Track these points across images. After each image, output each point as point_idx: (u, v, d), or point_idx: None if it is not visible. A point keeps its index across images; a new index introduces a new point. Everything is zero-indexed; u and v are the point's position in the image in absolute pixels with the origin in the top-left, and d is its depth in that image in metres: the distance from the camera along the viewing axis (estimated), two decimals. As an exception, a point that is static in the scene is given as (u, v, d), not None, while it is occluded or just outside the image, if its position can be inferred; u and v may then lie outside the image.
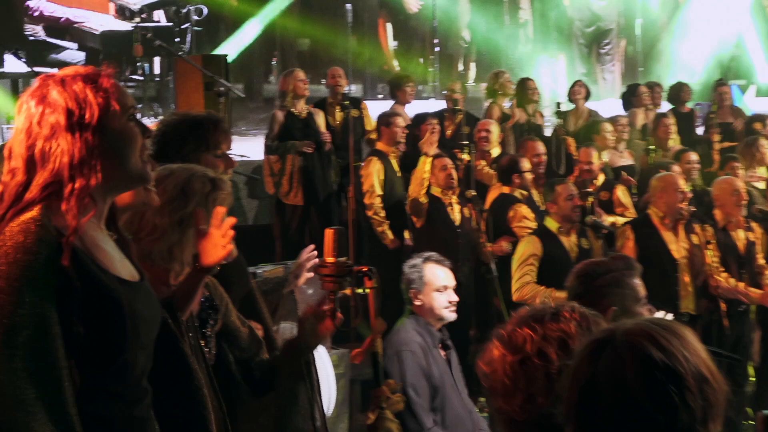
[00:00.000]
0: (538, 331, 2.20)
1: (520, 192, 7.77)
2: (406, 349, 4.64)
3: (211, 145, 3.58)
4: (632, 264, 3.41)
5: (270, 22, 10.55)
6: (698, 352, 1.78)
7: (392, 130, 8.25)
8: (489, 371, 2.23)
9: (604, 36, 13.50)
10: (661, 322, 1.84)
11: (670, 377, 1.73)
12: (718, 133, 10.43)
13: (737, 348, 7.14)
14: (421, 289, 4.84)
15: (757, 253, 7.27)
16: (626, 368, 1.75)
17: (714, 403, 1.75)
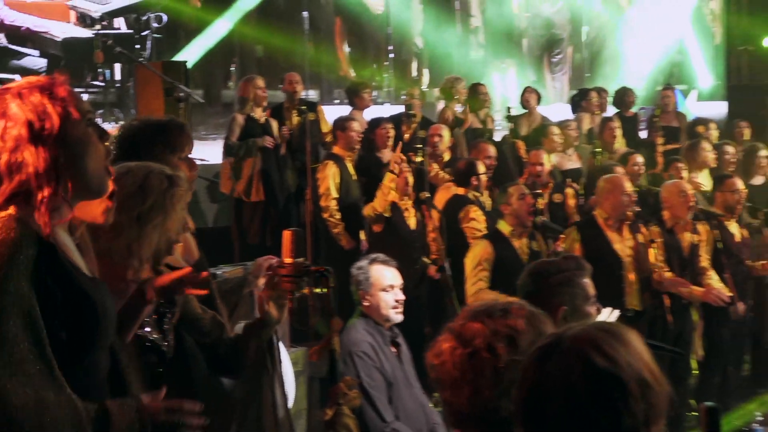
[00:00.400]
0: (489, 325, 2.22)
1: (473, 194, 7.80)
2: (357, 350, 4.65)
3: (176, 149, 3.59)
4: (583, 264, 3.44)
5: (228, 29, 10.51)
6: (641, 356, 1.81)
7: (348, 135, 8.26)
8: (438, 363, 2.25)
9: (556, 44, 13.60)
10: (607, 327, 1.87)
11: (614, 384, 1.76)
12: (661, 136, 10.55)
13: (679, 342, 7.22)
14: (368, 290, 4.87)
15: (700, 254, 7.37)
16: (572, 375, 1.77)
17: (656, 406, 1.78)
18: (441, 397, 2.28)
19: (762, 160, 9.29)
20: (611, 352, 1.78)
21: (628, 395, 1.75)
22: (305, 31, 11.03)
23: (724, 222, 7.60)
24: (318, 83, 11.43)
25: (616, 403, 1.74)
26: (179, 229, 3.10)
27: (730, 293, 7.26)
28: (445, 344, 2.25)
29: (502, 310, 2.26)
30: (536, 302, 3.15)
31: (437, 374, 2.26)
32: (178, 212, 3.00)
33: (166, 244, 3.01)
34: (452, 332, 2.26)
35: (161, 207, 2.96)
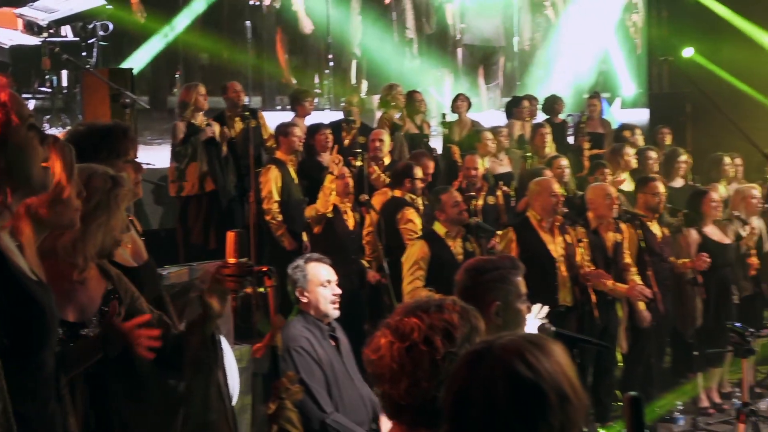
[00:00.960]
0: (425, 320, 2.24)
1: (410, 196, 7.82)
2: (295, 345, 4.66)
3: (121, 153, 3.57)
4: (517, 264, 3.47)
5: (174, 38, 10.43)
6: (564, 370, 1.83)
7: (290, 140, 8.26)
8: (376, 358, 2.26)
9: (493, 55, 13.69)
10: (535, 339, 1.89)
11: (534, 394, 1.78)
12: (587, 142, 10.68)
13: (605, 335, 7.31)
14: (306, 287, 4.88)
15: (624, 252, 7.47)
16: (496, 381, 1.79)
17: (572, 419, 1.81)
18: (379, 390, 2.28)
19: (682, 164, 9.46)
20: (535, 363, 1.80)
21: (547, 406, 1.77)
22: (248, 40, 10.99)
23: (646, 222, 7.72)
24: (260, 90, 11.38)
25: (535, 412, 1.77)
26: (123, 228, 3.09)
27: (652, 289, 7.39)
28: (382, 339, 2.26)
29: (437, 306, 2.29)
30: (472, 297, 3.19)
31: (375, 369, 2.27)
32: (122, 211, 2.99)
33: (111, 241, 3.00)
34: (389, 328, 2.27)
35: (105, 207, 2.94)
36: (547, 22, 14.56)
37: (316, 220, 7.49)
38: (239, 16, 11.05)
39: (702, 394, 8.17)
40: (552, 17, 14.59)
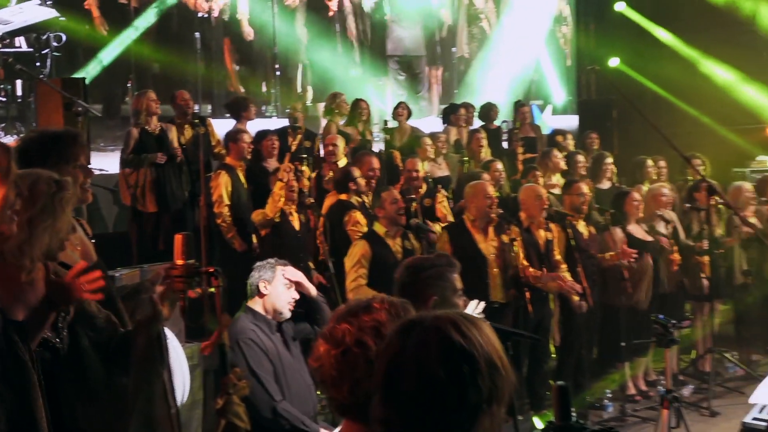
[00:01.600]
0: (354, 324, 2.25)
1: (356, 199, 7.82)
2: (244, 337, 4.66)
3: (71, 158, 3.53)
4: (452, 261, 3.50)
5: (125, 48, 10.32)
6: (493, 343, 1.85)
7: (239, 146, 8.24)
8: (317, 366, 2.27)
9: (415, 64, 13.72)
10: (465, 314, 1.91)
11: (466, 359, 1.79)
12: (521, 146, 10.77)
13: (540, 329, 7.38)
14: (270, 281, 4.87)
15: (554, 249, 7.54)
16: (430, 346, 1.80)
17: (500, 388, 1.81)
18: (326, 395, 2.30)
19: (608, 167, 9.59)
20: (467, 332, 1.81)
21: (477, 372, 1.78)
22: (197, 51, 10.92)
23: (573, 222, 7.81)
24: (210, 98, 11.31)
25: (466, 377, 1.77)
26: (68, 230, 3.05)
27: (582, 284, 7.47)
28: (321, 348, 2.28)
29: (365, 307, 2.30)
30: (411, 293, 3.21)
31: (319, 376, 2.30)
32: (67, 214, 2.96)
33: (57, 243, 2.97)
34: (324, 337, 2.30)
35: (50, 210, 2.92)
36: (482, 33, 14.65)
37: (263, 224, 7.44)
38: (189, 27, 10.97)
39: (629, 383, 8.27)
40: (487, 29, 14.69)
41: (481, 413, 1.79)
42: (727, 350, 9.01)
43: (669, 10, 14.03)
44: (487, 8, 14.70)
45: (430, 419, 1.78)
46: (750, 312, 9.13)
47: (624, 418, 7.72)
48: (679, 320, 5.95)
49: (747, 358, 9.14)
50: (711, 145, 11.65)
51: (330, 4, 12.54)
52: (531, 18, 14.99)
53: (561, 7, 15.69)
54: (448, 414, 1.77)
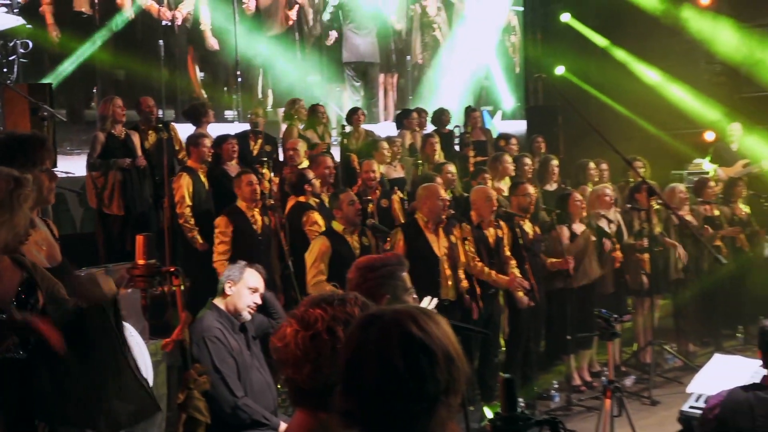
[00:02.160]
0: (329, 311, 2.25)
1: (313, 200, 7.80)
2: (209, 335, 4.61)
3: (37, 161, 3.50)
4: (403, 260, 3.50)
5: (90, 55, 10.19)
6: (449, 337, 1.86)
7: (201, 150, 8.19)
8: (282, 345, 2.26)
9: (371, 71, 13.71)
10: (424, 309, 1.92)
11: (425, 351, 1.79)
12: (472, 150, 10.81)
13: (489, 324, 7.41)
14: (237, 282, 4.85)
15: (504, 247, 7.58)
16: (390, 340, 1.80)
17: (457, 379, 1.83)
18: (284, 375, 2.29)
19: (554, 169, 9.65)
20: (425, 326, 1.82)
21: (435, 363, 1.79)
22: (161, 58, 10.81)
23: (520, 221, 7.86)
24: (173, 104, 11.20)
25: (425, 368, 1.78)
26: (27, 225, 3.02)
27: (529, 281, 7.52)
28: (288, 329, 2.27)
29: (340, 300, 2.31)
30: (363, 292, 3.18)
31: (281, 355, 2.28)
32: (25, 210, 2.93)
33: (15, 238, 2.94)
34: (295, 318, 2.29)
35: (8, 206, 2.89)
36: (435, 42, 14.68)
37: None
38: (153, 35, 10.86)
39: (574, 374, 8.34)
40: (440, 38, 14.72)
41: (439, 404, 1.79)
42: (666, 342, 9.11)
43: (611, 20, 14.15)
44: (440, 18, 14.73)
45: (391, 410, 1.78)
46: (687, 306, 9.26)
47: (570, 407, 7.78)
48: (620, 314, 6.01)
49: (685, 349, 9.26)
50: (651, 149, 11.78)
51: (289, 13, 12.49)
52: (481, 28, 15.06)
53: (510, 18, 15.78)
54: (408, 405, 1.78)
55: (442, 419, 1.80)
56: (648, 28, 13.72)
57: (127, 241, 8.20)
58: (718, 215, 9.55)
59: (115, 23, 10.44)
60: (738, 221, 9.72)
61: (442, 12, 14.76)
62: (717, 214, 9.54)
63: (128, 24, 10.62)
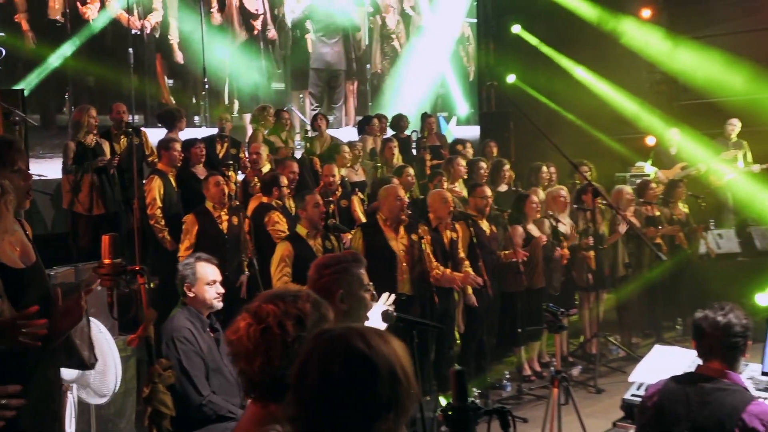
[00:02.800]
0: (281, 307, 2.25)
1: (276, 202, 7.75)
2: (179, 335, 4.53)
3: (8, 163, 3.41)
4: (359, 258, 3.47)
5: (62, 62, 10.03)
6: (399, 357, 1.82)
7: (171, 154, 8.11)
8: (235, 338, 2.25)
9: (335, 79, 13.68)
10: (380, 330, 1.89)
11: (366, 364, 1.77)
12: (428, 154, 10.82)
13: (445, 318, 7.41)
14: (194, 283, 4.74)
15: (458, 248, 7.59)
16: (334, 350, 1.78)
17: (401, 398, 1.79)
18: (237, 368, 2.26)
19: (506, 172, 9.69)
20: (372, 342, 1.80)
21: (377, 378, 1.76)
22: (130, 65, 10.68)
23: (477, 221, 7.87)
24: (143, 109, 11.07)
25: (365, 382, 1.76)
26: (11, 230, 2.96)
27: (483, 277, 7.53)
28: (242, 322, 2.27)
29: (293, 296, 2.29)
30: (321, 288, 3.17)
31: (234, 348, 2.27)
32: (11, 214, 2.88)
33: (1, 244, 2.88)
34: (249, 312, 2.28)
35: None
36: (394, 51, 14.68)
37: None
38: (122, 43, 10.72)
39: (525, 364, 8.38)
40: (398, 47, 14.73)
41: (378, 419, 1.76)
42: (610, 334, 9.19)
43: (559, 32, 14.27)
44: (399, 29, 14.74)
45: (329, 417, 1.76)
46: (630, 300, 9.35)
47: (521, 396, 7.82)
48: (567, 309, 6.04)
49: (628, 341, 9.35)
50: (596, 153, 11.91)
51: (255, 24, 12.42)
52: (437, 39, 15.09)
53: (464, 29, 15.82)
54: (346, 414, 1.75)
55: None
56: (593, 40, 13.85)
57: (97, 242, 8.08)
58: (658, 215, 9.65)
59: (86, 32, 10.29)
60: (677, 220, 9.84)
61: (401, 24, 14.77)
62: (658, 214, 9.64)
63: (99, 32, 10.47)
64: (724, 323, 3.29)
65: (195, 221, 7.28)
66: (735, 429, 3.15)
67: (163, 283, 7.18)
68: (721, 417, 3.19)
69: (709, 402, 3.24)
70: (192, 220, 7.29)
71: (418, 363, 3.58)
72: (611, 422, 4.47)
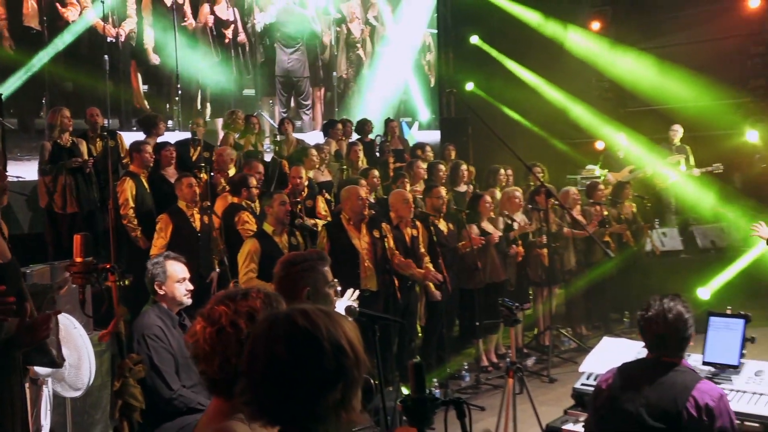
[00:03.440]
0: (231, 307, 2.21)
1: (246, 202, 7.69)
2: (149, 332, 4.44)
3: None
4: (323, 256, 3.44)
5: (40, 68, 9.86)
6: (344, 331, 1.79)
7: (143, 156, 8.01)
8: (192, 342, 2.22)
9: (300, 86, 13.62)
10: (324, 308, 1.85)
11: (310, 342, 1.74)
12: (391, 156, 10.81)
13: (407, 312, 7.40)
14: (164, 281, 4.65)
15: (419, 245, 7.58)
16: (278, 331, 1.76)
17: (348, 369, 1.76)
18: (198, 369, 2.23)
19: (464, 173, 9.72)
20: (315, 319, 1.77)
21: (322, 353, 1.73)
22: (106, 71, 10.53)
23: (434, 220, 7.87)
24: (118, 113, 10.91)
25: (309, 358, 1.73)
26: None
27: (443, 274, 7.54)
28: (197, 326, 2.24)
29: (243, 294, 2.26)
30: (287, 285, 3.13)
31: (193, 351, 2.24)
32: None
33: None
34: (202, 316, 2.25)
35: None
36: (359, 59, 14.64)
37: None
38: (98, 50, 10.57)
39: (482, 356, 8.40)
40: (363, 56, 14.70)
41: (327, 391, 1.74)
42: (562, 327, 9.26)
43: (515, 43, 14.34)
44: (364, 38, 14.72)
45: (280, 396, 1.73)
46: (580, 295, 9.42)
47: (478, 385, 7.84)
48: (522, 303, 6.05)
49: (578, 333, 9.42)
50: (549, 156, 11.99)
51: (226, 32, 12.32)
52: (401, 47, 15.10)
53: (426, 39, 15.85)
54: (295, 390, 1.73)
55: (332, 406, 1.75)
56: (547, 51, 13.96)
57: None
58: (607, 214, 9.73)
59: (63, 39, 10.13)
60: (624, 219, 9.93)
61: (366, 33, 14.75)
62: (606, 214, 9.73)
63: (76, 40, 10.31)
64: (672, 317, 3.31)
65: (169, 221, 7.19)
66: (686, 405, 3.18)
67: (137, 280, 7.08)
68: (674, 395, 3.22)
69: (662, 383, 3.27)
70: (166, 220, 7.21)
71: (381, 356, 3.56)
72: (563, 410, 4.47)
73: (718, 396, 3.21)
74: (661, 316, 3.31)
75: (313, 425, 1.75)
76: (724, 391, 3.31)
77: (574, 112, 13.73)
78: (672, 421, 3.19)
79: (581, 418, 4.17)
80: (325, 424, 1.75)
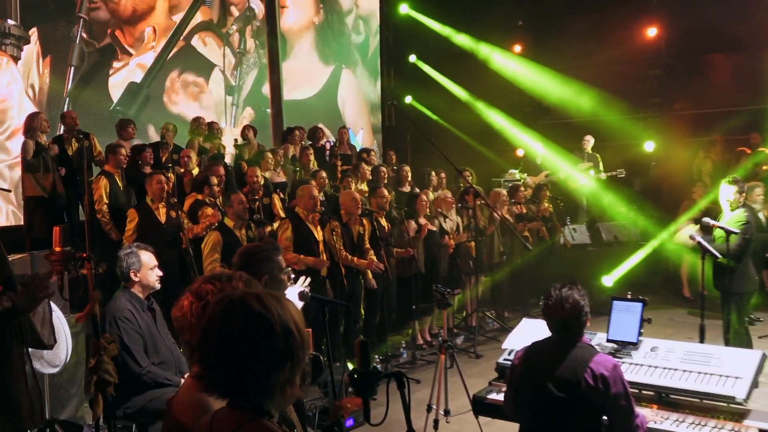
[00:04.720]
0: (217, 286, 2.23)
1: (209, 198, 7.59)
2: (120, 315, 4.37)
3: None
4: (277, 246, 3.41)
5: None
6: (292, 314, 1.78)
7: (117, 157, 7.84)
8: (180, 315, 2.22)
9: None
10: (275, 293, 1.84)
11: (262, 323, 1.73)
12: (340, 160, 10.77)
13: (353, 297, 7.40)
14: (139, 269, 4.58)
15: (365, 240, 7.58)
16: (233, 312, 1.74)
17: (295, 350, 1.75)
18: (183, 339, 2.22)
19: (407, 175, 9.74)
20: (267, 303, 1.76)
21: (273, 333, 1.72)
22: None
23: (378, 217, 7.88)
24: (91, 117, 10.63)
25: (262, 338, 1.72)
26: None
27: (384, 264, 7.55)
28: (185, 301, 2.24)
29: (228, 276, 2.28)
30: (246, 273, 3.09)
31: (179, 323, 2.23)
32: None
33: None
34: (191, 292, 2.26)
35: None
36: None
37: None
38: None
39: (418, 335, 8.44)
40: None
41: (276, 370, 1.73)
42: (487, 310, 9.35)
43: (447, 61, 14.46)
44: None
45: (231, 372, 1.71)
46: (503, 282, 9.53)
47: (415, 361, 7.87)
48: (453, 289, 6.09)
49: (501, 315, 9.53)
50: (476, 161, 12.09)
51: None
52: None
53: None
54: (245, 368, 1.71)
55: (280, 383, 1.74)
56: (475, 69, 14.11)
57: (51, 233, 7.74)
58: (526, 212, 9.87)
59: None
60: (542, 217, 10.08)
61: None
62: (526, 212, 9.86)
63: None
64: (569, 306, 3.39)
65: (136, 214, 7.08)
66: (585, 375, 3.26)
67: (110, 268, 6.93)
68: (574, 367, 3.31)
69: (564, 358, 3.36)
70: (134, 214, 7.09)
71: (330, 335, 3.55)
72: (488, 381, 4.53)
73: (612, 366, 3.31)
74: (559, 304, 3.40)
75: (262, 399, 1.74)
76: (618, 362, 3.41)
77: (498, 123, 13.90)
78: (573, 390, 3.28)
79: (503, 388, 4.23)
80: (272, 399, 1.74)
